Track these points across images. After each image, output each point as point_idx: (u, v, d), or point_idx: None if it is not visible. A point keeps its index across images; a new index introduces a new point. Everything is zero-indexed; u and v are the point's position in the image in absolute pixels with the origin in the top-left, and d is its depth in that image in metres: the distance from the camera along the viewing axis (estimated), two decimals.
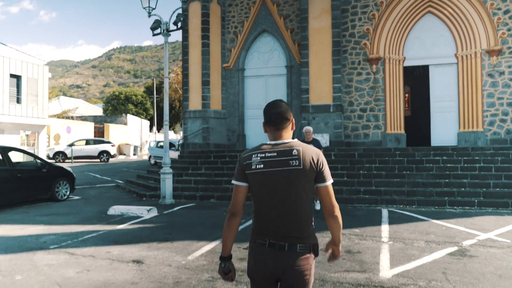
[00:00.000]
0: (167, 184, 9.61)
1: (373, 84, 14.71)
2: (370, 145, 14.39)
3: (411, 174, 9.86)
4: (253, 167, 2.18)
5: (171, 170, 9.79)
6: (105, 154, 27.20)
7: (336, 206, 2.19)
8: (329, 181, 2.18)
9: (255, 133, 16.12)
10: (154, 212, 8.26)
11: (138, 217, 7.91)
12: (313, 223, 2.22)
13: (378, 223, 6.97)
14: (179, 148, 17.48)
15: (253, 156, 2.21)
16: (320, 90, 14.25)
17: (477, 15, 13.87)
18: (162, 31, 9.65)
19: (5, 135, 26.58)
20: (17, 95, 27.11)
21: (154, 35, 9.77)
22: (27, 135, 28.99)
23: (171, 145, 22.91)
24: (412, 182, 9.51)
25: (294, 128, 2.37)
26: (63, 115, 36.77)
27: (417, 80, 15.18)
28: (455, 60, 14.32)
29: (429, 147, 11.64)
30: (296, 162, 2.13)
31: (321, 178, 2.17)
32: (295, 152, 2.15)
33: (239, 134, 16.17)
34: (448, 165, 10.05)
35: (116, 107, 44.64)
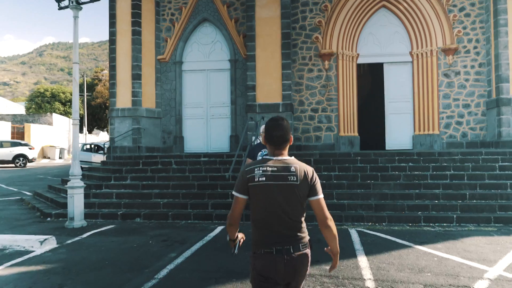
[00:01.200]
0: (76, 201, 7.39)
1: (325, 82, 13.39)
2: (322, 148, 13.05)
3: (377, 184, 8.48)
4: (256, 180, 2.36)
5: (81, 183, 7.56)
6: (21, 159, 23.61)
7: (329, 217, 2.39)
8: (321, 195, 2.41)
9: (194, 135, 14.18)
10: (51, 244, 6.05)
11: (26, 252, 5.69)
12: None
13: (352, 253, 5.38)
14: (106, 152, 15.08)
15: (256, 169, 2.38)
16: (269, 88, 12.65)
17: (433, 11, 13.03)
18: (70, 2, 7.44)
19: None
20: None
21: (60, 8, 7.53)
22: None
23: (100, 148, 20.29)
24: (379, 194, 8.11)
25: (292, 143, 2.55)
26: None
27: (369, 78, 14.10)
28: (410, 58, 13.41)
29: (392, 151, 10.43)
30: (294, 178, 2.35)
31: (313, 192, 2.39)
32: (293, 169, 2.37)
33: (176, 136, 14.13)
34: (416, 172, 8.81)
35: (41, 105, 40.11)
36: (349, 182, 8.64)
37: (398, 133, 13.30)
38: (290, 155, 2.48)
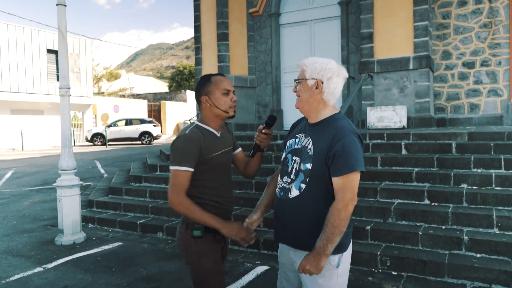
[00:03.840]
0: (65, 207, 5.06)
1: (487, 20, 8.57)
2: (480, 123, 8.48)
3: None
4: None
5: (75, 181, 5.16)
6: (146, 136, 23.84)
7: (174, 198, 2.06)
8: (172, 166, 2.08)
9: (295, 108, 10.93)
10: None
11: None
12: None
13: None
14: None
15: None
16: (392, 34, 8.56)
17: None
18: None
19: (45, 116, 24.61)
20: (56, 72, 24.76)
21: None
22: (75, 115, 26.94)
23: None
24: None
25: (217, 108, 2.21)
26: (119, 93, 34.65)
27: None
28: None
29: None
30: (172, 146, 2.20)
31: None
32: (179, 134, 2.19)
33: (273, 109, 11.12)
34: None
35: (180, 83, 41.70)
36: None
37: None
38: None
